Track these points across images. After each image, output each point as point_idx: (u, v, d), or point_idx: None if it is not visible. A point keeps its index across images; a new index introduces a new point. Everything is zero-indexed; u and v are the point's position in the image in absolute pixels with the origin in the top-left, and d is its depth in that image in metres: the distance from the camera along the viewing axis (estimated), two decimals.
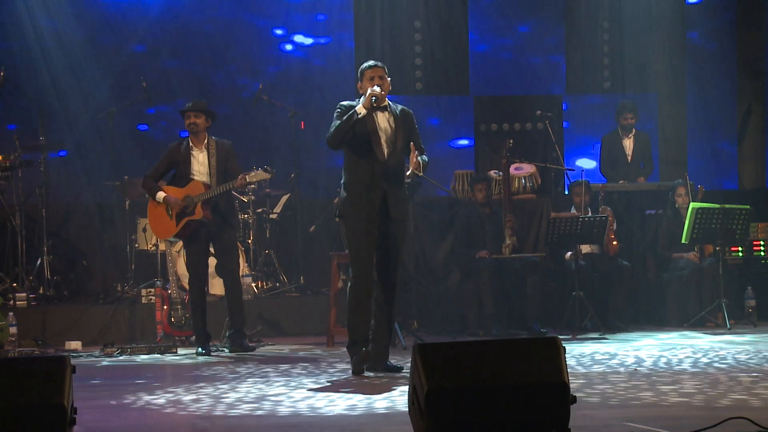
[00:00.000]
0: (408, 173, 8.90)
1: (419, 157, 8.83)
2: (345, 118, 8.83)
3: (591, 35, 15.41)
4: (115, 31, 14.60)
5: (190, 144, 10.85)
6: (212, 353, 10.73)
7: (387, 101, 9.00)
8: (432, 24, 15.08)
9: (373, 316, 8.97)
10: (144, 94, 13.12)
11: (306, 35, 15.51)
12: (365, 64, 9.16)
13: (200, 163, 10.82)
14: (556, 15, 15.62)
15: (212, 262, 11.28)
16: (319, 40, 15.52)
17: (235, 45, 15.17)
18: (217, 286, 11.94)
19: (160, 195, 10.80)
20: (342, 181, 9.05)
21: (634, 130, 13.88)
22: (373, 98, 8.81)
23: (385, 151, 8.88)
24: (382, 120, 8.94)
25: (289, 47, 15.54)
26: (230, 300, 10.87)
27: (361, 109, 8.81)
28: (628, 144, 13.89)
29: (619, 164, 13.84)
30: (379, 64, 9.15)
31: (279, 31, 15.49)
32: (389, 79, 9.09)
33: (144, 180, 11.01)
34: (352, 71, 15.12)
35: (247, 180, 10.62)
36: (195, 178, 10.79)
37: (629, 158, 13.86)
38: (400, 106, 9.13)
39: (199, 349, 10.75)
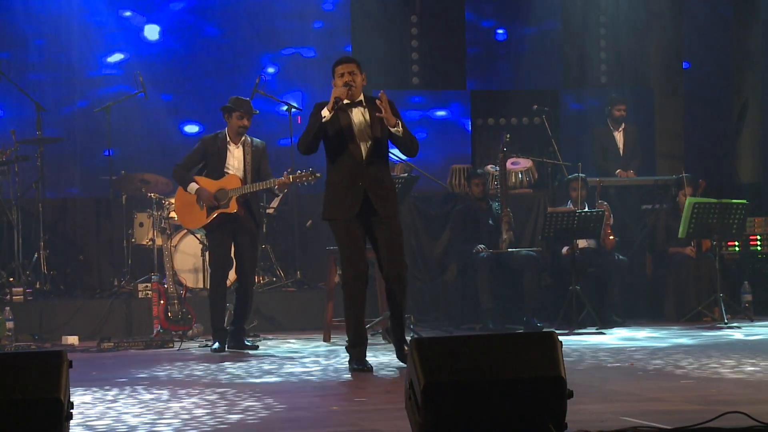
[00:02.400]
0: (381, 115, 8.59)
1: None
2: (311, 122, 8.68)
3: (588, 30, 15.40)
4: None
5: (227, 138, 10.74)
6: (225, 350, 10.62)
7: (363, 96, 8.79)
8: (428, 18, 15.07)
9: (389, 310, 8.97)
10: (140, 88, 13.10)
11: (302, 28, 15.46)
12: (336, 60, 8.92)
13: (235, 158, 10.70)
14: (553, 9, 15.62)
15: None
16: (316, 34, 15.45)
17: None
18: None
19: (193, 186, 10.65)
20: (325, 182, 8.89)
21: (623, 124, 13.86)
22: (336, 99, 8.59)
23: (363, 148, 8.70)
24: (357, 116, 8.73)
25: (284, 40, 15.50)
26: (240, 297, 10.77)
27: (325, 112, 8.59)
28: (619, 137, 13.87)
29: (611, 157, 13.82)
30: (351, 58, 8.99)
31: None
32: (363, 74, 8.84)
33: (175, 169, 10.85)
34: None
35: (292, 180, 10.53)
36: (230, 172, 10.71)
37: (621, 151, 13.84)
38: (374, 98, 8.82)
39: (216, 344, 10.63)
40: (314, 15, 15.38)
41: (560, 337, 5.43)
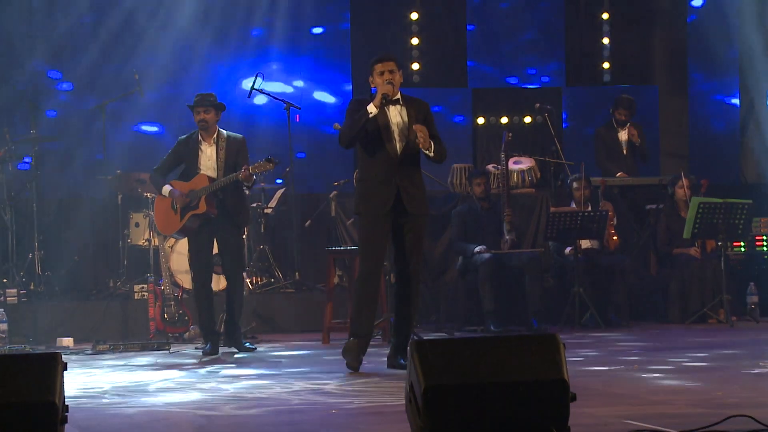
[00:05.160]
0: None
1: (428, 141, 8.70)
2: (356, 118, 8.74)
3: (591, 27, 15.35)
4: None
5: (199, 138, 10.59)
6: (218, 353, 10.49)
7: (400, 94, 8.87)
8: (429, 16, 15.01)
9: (394, 311, 9.01)
10: (136, 86, 13.00)
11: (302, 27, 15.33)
12: (374, 58, 9.00)
13: (208, 157, 10.56)
14: (556, 8, 15.56)
15: None
16: (315, 31, 15.32)
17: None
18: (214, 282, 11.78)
19: (166, 189, 10.54)
20: (357, 178, 8.98)
21: (628, 124, 13.76)
22: (384, 96, 8.69)
23: (398, 146, 8.78)
24: (394, 114, 8.81)
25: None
26: (230, 298, 10.64)
27: (371, 108, 8.70)
28: (624, 137, 13.77)
29: (615, 157, 13.71)
30: (391, 56, 9.04)
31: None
32: (401, 71, 8.94)
33: (151, 174, 10.78)
34: (348, 63, 15.02)
35: (250, 171, 10.39)
36: (202, 172, 10.57)
37: (624, 150, 13.73)
38: (413, 98, 9.02)
39: (208, 346, 10.47)
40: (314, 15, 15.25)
41: (563, 339, 5.38)
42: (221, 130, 10.64)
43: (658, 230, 12.95)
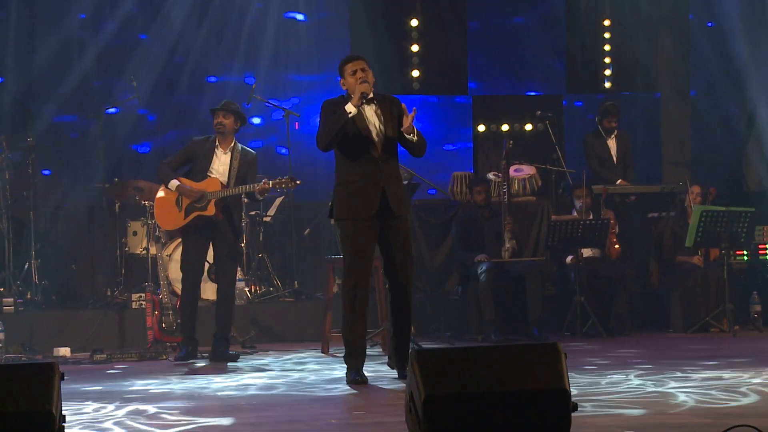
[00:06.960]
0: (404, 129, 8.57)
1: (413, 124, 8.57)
2: (334, 119, 8.56)
3: (592, 34, 15.32)
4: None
5: (216, 142, 10.60)
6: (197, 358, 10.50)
7: (372, 93, 8.72)
8: (429, 22, 14.98)
9: (391, 320, 8.85)
10: (134, 94, 12.96)
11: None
12: (344, 59, 8.87)
13: (221, 163, 10.56)
14: (557, 13, 15.52)
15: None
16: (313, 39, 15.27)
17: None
18: (209, 291, 11.70)
19: (174, 183, 10.50)
20: (335, 183, 8.78)
21: (616, 131, 13.69)
22: (363, 94, 8.56)
23: (378, 146, 8.61)
24: (370, 114, 8.66)
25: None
26: (221, 306, 10.58)
27: (351, 107, 8.53)
28: (612, 144, 13.68)
29: (606, 165, 13.64)
30: (360, 55, 8.93)
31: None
32: (371, 70, 8.80)
33: (160, 166, 10.71)
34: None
35: (271, 185, 10.35)
36: (212, 176, 10.54)
37: (614, 159, 13.65)
38: (384, 95, 8.87)
39: (184, 352, 10.49)
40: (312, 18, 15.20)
41: (564, 349, 5.35)
42: (237, 141, 10.67)
43: (665, 236, 12.90)
